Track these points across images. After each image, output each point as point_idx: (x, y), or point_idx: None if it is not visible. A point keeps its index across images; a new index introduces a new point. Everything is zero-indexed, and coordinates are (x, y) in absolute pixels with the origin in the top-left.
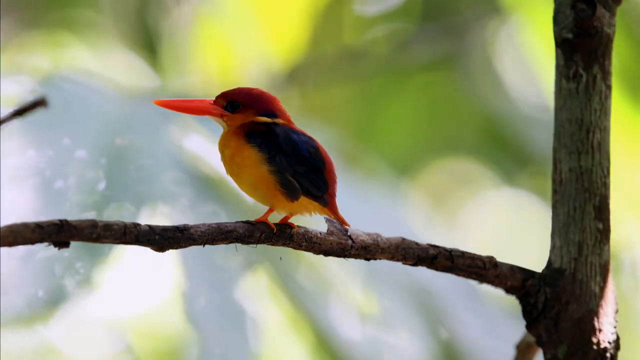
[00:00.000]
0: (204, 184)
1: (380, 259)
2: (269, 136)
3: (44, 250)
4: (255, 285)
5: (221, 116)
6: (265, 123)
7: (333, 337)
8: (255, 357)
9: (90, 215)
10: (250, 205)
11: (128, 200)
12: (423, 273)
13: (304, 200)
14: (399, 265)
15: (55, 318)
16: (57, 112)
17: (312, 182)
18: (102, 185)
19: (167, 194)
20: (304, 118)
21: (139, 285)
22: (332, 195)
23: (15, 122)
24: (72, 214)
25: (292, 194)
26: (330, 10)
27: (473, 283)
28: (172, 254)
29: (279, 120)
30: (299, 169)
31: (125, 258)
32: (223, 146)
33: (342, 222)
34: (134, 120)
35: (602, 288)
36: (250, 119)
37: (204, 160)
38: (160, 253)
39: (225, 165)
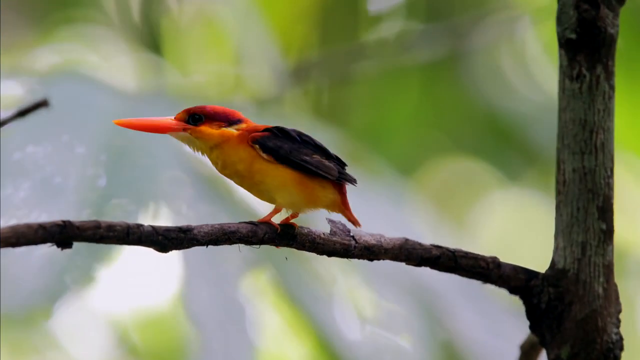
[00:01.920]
0: (204, 184)
1: (383, 259)
2: (277, 136)
3: (45, 246)
4: (257, 284)
5: (184, 130)
6: (266, 129)
7: (334, 337)
8: (256, 357)
9: (89, 212)
10: (250, 206)
11: (128, 198)
12: (425, 272)
13: (326, 190)
14: (400, 264)
15: (55, 313)
16: (58, 110)
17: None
18: (102, 182)
19: (167, 193)
20: (309, 118)
21: (140, 282)
22: (344, 194)
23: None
24: (72, 211)
25: (330, 172)
26: (337, 10)
27: (477, 282)
28: (174, 252)
29: (244, 125)
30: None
31: (126, 254)
32: (231, 163)
33: (354, 222)
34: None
35: (606, 288)
36: (218, 129)
37: (203, 160)
38: (163, 253)
39: (244, 181)
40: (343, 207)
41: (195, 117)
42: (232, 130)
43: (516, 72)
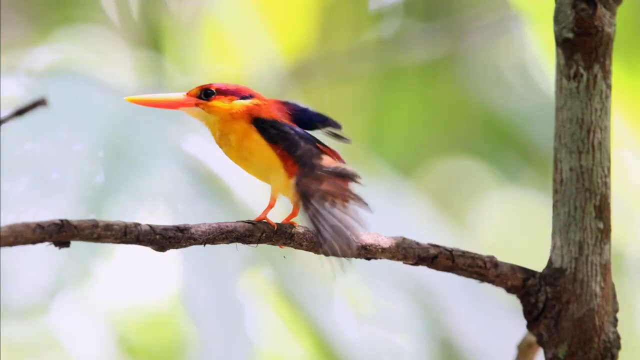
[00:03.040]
0: (201, 182)
1: (380, 258)
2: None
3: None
4: (255, 283)
5: (196, 105)
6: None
7: (332, 336)
8: (254, 355)
9: (86, 209)
10: (247, 204)
11: (126, 195)
12: (423, 271)
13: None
14: (398, 263)
15: (54, 310)
16: (56, 108)
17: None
18: (99, 179)
19: (165, 190)
20: None
21: (139, 280)
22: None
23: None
24: (69, 208)
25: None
26: (337, 9)
27: (474, 281)
28: (172, 250)
29: (255, 101)
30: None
31: (125, 252)
32: (226, 133)
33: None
34: (133, 117)
35: (603, 287)
36: (230, 102)
37: (202, 158)
38: (161, 252)
39: (231, 151)
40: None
41: (207, 92)
42: (243, 102)
43: (514, 71)
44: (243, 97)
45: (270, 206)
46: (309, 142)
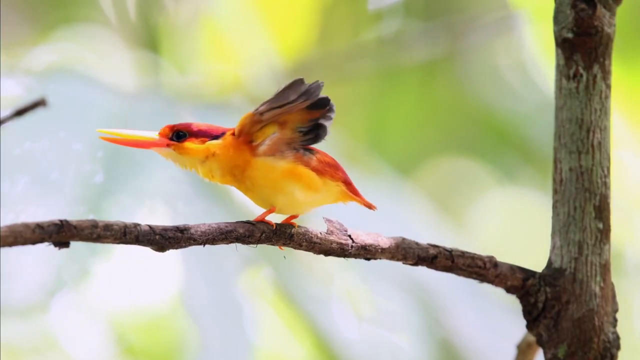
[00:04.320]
0: (200, 182)
1: (380, 258)
2: None
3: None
4: (255, 283)
5: (167, 145)
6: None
7: (332, 336)
8: (254, 355)
9: (85, 208)
10: (247, 204)
11: (125, 195)
12: (423, 271)
13: (328, 184)
14: (398, 263)
15: (53, 310)
16: (55, 107)
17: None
18: (99, 179)
19: (164, 190)
20: None
21: (139, 279)
22: (350, 182)
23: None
24: (68, 207)
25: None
26: (336, 9)
27: (474, 281)
28: (172, 250)
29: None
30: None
31: (125, 252)
32: (231, 169)
33: (368, 206)
34: (132, 117)
35: (603, 288)
36: (202, 144)
37: None
38: (161, 253)
39: (240, 185)
40: (352, 194)
41: (179, 134)
42: (217, 142)
43: (513, 71)
44: (215, 137)
45: (271, 211)
46: None
